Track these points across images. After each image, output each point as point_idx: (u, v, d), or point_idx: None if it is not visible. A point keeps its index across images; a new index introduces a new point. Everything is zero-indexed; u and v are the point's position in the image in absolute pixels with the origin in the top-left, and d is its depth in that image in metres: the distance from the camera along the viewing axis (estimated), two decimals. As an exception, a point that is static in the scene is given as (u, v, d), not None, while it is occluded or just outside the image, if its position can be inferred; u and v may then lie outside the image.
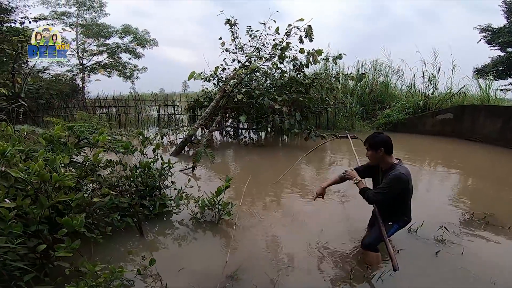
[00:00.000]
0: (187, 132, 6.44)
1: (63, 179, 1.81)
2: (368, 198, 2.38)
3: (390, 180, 2.28)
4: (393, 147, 2.41)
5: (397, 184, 2.26)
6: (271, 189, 4.31)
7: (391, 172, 2.31)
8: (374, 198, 2.35)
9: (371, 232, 2.53)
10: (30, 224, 1.86)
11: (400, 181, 2.26)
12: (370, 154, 2.44)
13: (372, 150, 2.40)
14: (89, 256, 2.31)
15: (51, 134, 2.42)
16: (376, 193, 2.35)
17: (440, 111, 8.62)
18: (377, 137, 2.41)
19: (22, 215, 1.87)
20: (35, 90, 9.95)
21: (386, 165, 2.42)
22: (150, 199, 3.19)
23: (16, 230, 1.68)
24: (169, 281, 2.12)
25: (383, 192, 2.30)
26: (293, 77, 7.82)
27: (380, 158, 2.40)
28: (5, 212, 1.64)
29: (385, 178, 2.37)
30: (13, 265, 1.69)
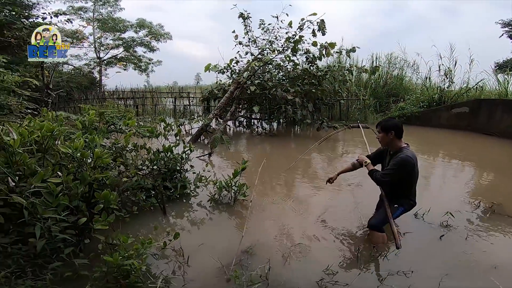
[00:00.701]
0: (202, 122, 6.69)
1: (102, 156, 2.04)
2: (376, 178, 2.56)
3: (397, 162, 2.43)
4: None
5: (404, 167, 2.41)
6: (283, 175, 4.50)
7: (399, 155, 2.47)
8: (382, 178, 2.52)
9: (377, 213, 2.67)
10: (72, 199, 2.07)
11: (406, 163, 2.41)
12: (381, 136, 2.59)
13: (384, 132, 2.55)
14: (119, 232, 2.56)
15: (86, 119, 2.67)
16: (383, 174, 2.52)
17: (455, 105, 8.50)
18: (389, 121, 2.62)
19: (65, 191, 2.10)
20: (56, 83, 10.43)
21: (394, 148, 2.59)
22: (172, 181, 3.44)
23: (64, 202, 1.89)
24: (191, 254, 2.34)
25: (390, 173, 2.47)
26: (306, 69, 7.91)
27: (390, 141, 2.56)
28: (53, 186, 1.85)
29: (392, 160, 2.52)
30: (58, 237, 1.90)
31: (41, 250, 1.87)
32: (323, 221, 3.01)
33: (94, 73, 16.59)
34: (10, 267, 1.82)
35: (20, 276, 1.82)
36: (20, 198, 1.67)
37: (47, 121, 2.15)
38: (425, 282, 2.06)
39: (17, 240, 1.93)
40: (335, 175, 3.08)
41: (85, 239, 2.21)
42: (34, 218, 1.80)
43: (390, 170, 2.49)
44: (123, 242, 2.03)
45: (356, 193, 3.80)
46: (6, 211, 1.85)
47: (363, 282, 2.07)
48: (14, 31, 6.57)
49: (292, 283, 2.05)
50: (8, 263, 1.85)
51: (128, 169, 2.95)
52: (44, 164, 2.07)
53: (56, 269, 1.93)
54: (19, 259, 1.89)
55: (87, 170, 2.18)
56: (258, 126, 8.80)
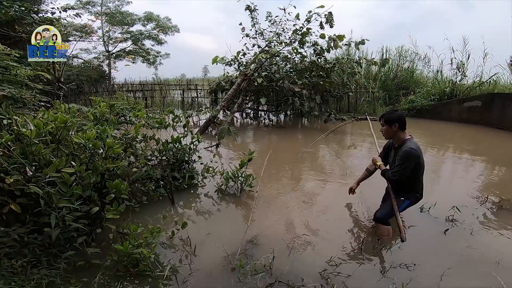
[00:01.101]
0: (210, 114, 6.77)
1: (113, 146, 2.11)
2: (388, 178, 2.60)
3: (402, 157, 2.44)
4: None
5: (409, 159, 2.41)
6: (290, 167, 4.54)
7: (402, 148, 2.47)
8: (393, 176, 2.52)
9: (383, 206, 2.69)
10: (85, 189, 2.14)
11: (411, 155, 2.41)
12: (384, 129, 2.60)
13: (387, 125, 2.56)
14: (129, 221, 2.65)
15: (98, 111, 2.75)
16: (394, 172, 2.53)
17: (467, 98, 8.35)
18: (392, 114, 2.60)
19: (78, 181, 2.18)
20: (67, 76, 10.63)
21: (399, 141, 2.59)
22: (180, 172, 3.53)
23: (77, 191, 1.96)
24: (198, 244, 2.41)
25: (399, 170, 2.47)
26: (314, 61, 7.88)
27: (393, 133, 2.57)
28: (67, 176, 1.92)
29: (397, 155, 2.53)
30: (72, 226, 1.98)
31: (55, 240, 1.96)
32: (328, 213, 3.05)
33: (104, 66, 16.77)
34: (26, 257, 1.92)
35: (36, 266, 1.91)
36: (37, 188, 1.75)
37: (60, 113, 2.23)
38: (427, 275, 2.08)
39: (32, 230, 2.01)
40: (355, 185, 3.09)
41: (97, 228, 2.29)
42: (49, 208, 1.88)
43: (398, 166, 2.49)
44: (133, 231, 2.11)
45: (361, 185, 3.79)
46: (23, 201, 1.94)
47: (365, 274, 2.10)
48: (24, 26, 6.71)
49: (295, 273, 2.09)
50: (25, 252, 1.95)
51: (138, 159, 3.03)
52: (58, 154, 2.16)
53: (69, 258, 2.02)
54: (34, 249, 1.98)
55: (99, 160, 2.26)
56: (265, 118, 8.86)
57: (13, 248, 1.94)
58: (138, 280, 1.98)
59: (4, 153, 1.79)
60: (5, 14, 6.54)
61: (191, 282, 1.98)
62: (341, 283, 1.97)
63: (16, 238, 1.92)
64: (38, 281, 1.78)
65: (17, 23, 6.81)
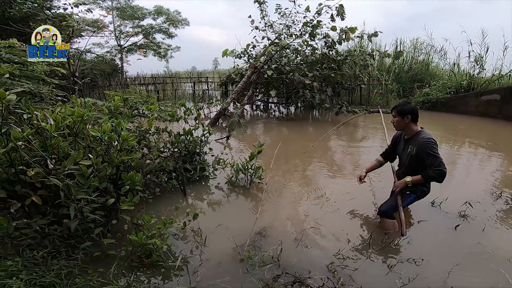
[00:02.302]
0: (220, 106, 6.82)
1: (128, 138, 2.18)
2: (435, 175, 2.30)
3: (429, 144, 2.32)
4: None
5: (435, 144, 2.33)
6: (299, 160, 4.55)
7: (420, 137, 2.41)
8: (438, 170, 2.28)
9: (388, 200, 2.66)
10: (101, 180, 2.21)
11: (434, 141, 2.34)
12: (396, 120, 2.55)
13: (400, 117, 2.52)
14: (143, 213, 2.73)
15: (112, 104, 2.84)
16: (435, 168, 2.29)
17: (485, 92, 8.07)
18: (405, 105, 2.54)
19: (95, 173, 2.26)
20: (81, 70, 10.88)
21: (410, 132, 2.54)
22: (192, 164, 3.62)
23: (94, 183, 2.04)
24: (208, 235, 2.48)
25: (436, 156, 2.29)
26: (325, 53, 7.80)
27: (405, 125, 2.52)
28: (85, 169, 2.00)
29: (410, 144, 2.49)
30: (89, 217, 2.05)
31: (74, 231, 2.05)
32: (337, 206, 3.05)
33: (116, 60, 17.06)
34: (47, 248, 2.03)
35: (55, 256, 2.02)
36: (57, 180, 1.84)
37: (77, 107, 2.31)
38: (434, 271, 2.08)
39: (52, 222, 2.12)
40: (364, 173, 2.94)
41: (112, 219, 2.38)
42: (68, 200, 1.98)
43: (433, 158, 2.30)
44: (147, 222, 2.19)
45: (372, 178, 3.78)
46: (43, 194, 2.04)
47: (372, 268, 2.13)
48: (38, 22, 6.88)
49: (302, 265, 2.14)
50: (45, 243, 2.05)
51: (151, 151, 3.13)
52: (76, 147, 2.25)
53: (87, 249, 2.11)
54: (54, 240, 2.09)
55: (114, 153, 2.35)
56: (275, 110, 8.87)
57: (34, 239, 2.04)
58: (151, 270, 2.07)
59: (25, 146, 1.89)
60: (19, 11, 6.73)
61: (201, 273, 2.05)
62: (347, 277, 2.00)
63: (37, 230, 2.02)
64: (58, 271, 1.88)
65: (31, 20, 6.99)
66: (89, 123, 2.25)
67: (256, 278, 1.99)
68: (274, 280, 1.93)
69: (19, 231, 2.00)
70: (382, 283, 1.98)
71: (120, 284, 1.87)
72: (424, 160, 2.36)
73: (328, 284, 1.90)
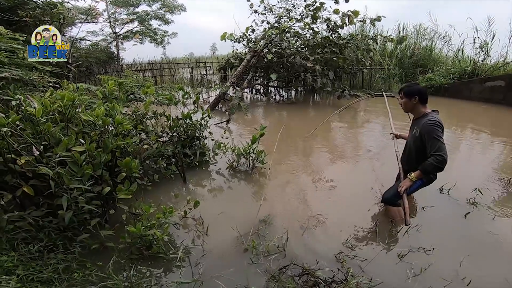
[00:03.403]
0: (220, 90, 6.68)
1: (123, 122, 2.05)
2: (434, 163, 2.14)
3: (431, 126, 2.18)
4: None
5: (439, 127, 2.19)
6: (302, 143, 4.44)
7: (427, 119, 2.25)
8: (438, 155, 2.13)
9: (391, 187, 2.55)
10: (96, 168, 2.09)
11: (440, 124, 2.20)
12: (404, 102, 2.43)
13: (407, 98, 2.39)
14: (141, 202, 2.63)
15: (106, 89, 2.69)
16: (435, 153, 2.15)
17: (490, 78, 8.00)
18: (412, 86, 2.41)
19: (89, 159, 2.14)
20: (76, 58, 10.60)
21: (418, 114, 2.41)
22: (191, 148, 3.49)
23: (88, 171, 1.91)
24: (210, 223, 2.38)
25: (438, 139, 2.15)
26: (327, 37, 7.65)
27: (413, 106, 2.39)
28: (77, 155, 1.87)
29: (415, 126, 2.36)
30: (84, 208, 1.94)
31: (69, 222, 1.94)
32: (341, 192, 2.97)
33: (112, 48, 16.67)
34: (42, 241, 1.92)
35: (52, 250, 1.92)
36: (46, 168, 1.71)
37: (67, 91, 2.16)
38: (445, 261, 2.00)
39: (47, 213, 2.00)
40: (398, 134, 3.00)
41: (110, 209, 2.27)
42: (61, 190, 1.86)
43: (435, 139, 2.14)
44: (145, 211, 2.07)
45: (375, 163, 3.68)
46: (37, 184, 1.91)
47: (382, 258, 2.05)
48: (27, 10, 6.62)
49: (309, 255, 2.06)
50: (41, 236, 1.95)
51: (149, 136, 3.01)
52: (68, 133, 2.11)
53: (84, 241, 2.01)
54: (50, 232, 1.98)
55: (109, 138, 2.21)
56: (275, 94, 8.75)
57: (29, 233, 1.94)
58: (152, 262, 1.99)
59: (12, 133, 1.75)
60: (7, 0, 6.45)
61: (203, 264, 1.97)
62: (357, 267, 1.92)
63: (31, 222, 1.92)
64: (55, 266, 1.80)
65: (19, 8, 6.72)
66: (79, 107, 2.10)
67: (261, 269, 1.91)
68: (280, 272, 1.85)
69: (13, 224, 1.89)
70: (393, 273, 1.90)
71: (120, 278, 1.78)
72: (426, 144, 2.22)
73: (338, 276, 1.82)
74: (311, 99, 8.62)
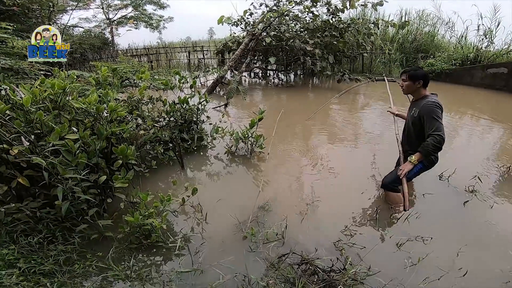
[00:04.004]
0: (217, 74, 6.57)
1: (117, 108, 1.98)
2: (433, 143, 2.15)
3: (431, 107, 2.21)
4: None
5: (439, 108, 2.23)
6: (301, 127, 4.39)
7: (426, 100, 2.29)
8: (437, 134, 2.14)
9: (391, 172, 2.53)
10: (91, 156, 2.05)
11: (439, 105, 2.24)
12: (407, 84, 2.43)
13: (411, 81, 2.39)
14: (138, 190, 2.60)
15: (99, 75, 2.60)
16: (433, 132, 2.16)
17: (493, 65, 7.93)
18: (418, 70, 2.43)
19: (84, 148, 2.08)
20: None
21: (418, 96, 2.44)
22: (189, 133, 3.44)
23: (82, 160, 1.87)
24: (209, 211, 2.37)
25: (437, 119, 2.17)
26: (327, 20, 7.48)
27: (415, 89, 2.41)
28: (71, 143, 1.82)
29: (414, 107, 2.39)
30: (81, 198, 1.90)
31: (67, 213, 1.92)
32: (341, 177, 2.94)
33: (106, 34, 16.26)
34: (41, 233, 1.90)
35: (52, 241, 1.91)
36: (39, 158, 1.67)
37: (58, 79, 2.08)
38: (443, 250, 2.00)
39: (45, 204, 1.97)
40: (396, 112, 3.01)
41: (107, 198, 2.24)
42: (57, 180, 1.82)
43: (434, 119, 2.15)
44: (143, 200, 2.04)
45: (376, 147, 3.66)
46: (32, 174, 1.87)
47: (381, 246, 2.05)
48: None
49: (308, 243, 2.06)
50: (40, 228, 1.93)
51: (145, 121, 2.96)
52: (61, 121, 2.05)
53: (83, 232, 2.00)
54: (49, 224, 1.96)
55: (104, 124, 2.16)
56: (274, 78, 8.65)
57: (28, 225, 1.92)
58: (151, 251, 1.98)
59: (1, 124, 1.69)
60: None
61: (203, 253, 1.97)
62: (355, 255, 1.93)
63: (29, 214, 1.89)
64: (56, 258, 1.79)
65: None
66: (70, 94, 2.02)
67: (260, 257, 1.91)
68: (280, 260, 1.85)
69: (11, 216, 1.87)
70: (391, 262, 1.91)
71: (120, 269, 1.78)
72: (424, 124, 2.24)
73: (337, 265, 1.81)
74: (310, 83, 8.51)
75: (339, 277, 1.67)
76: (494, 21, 8.69)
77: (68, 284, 1.65)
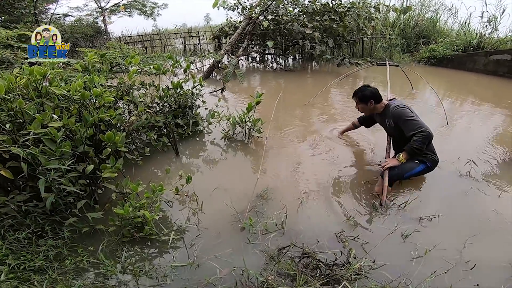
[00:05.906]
0: (213, 59, 6.39)
1: (103, 94, 1.85)
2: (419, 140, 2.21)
3: (399, 112, 2.33)
4: (437, 81, 2.34)
5: (406, 108, 2.35)
6: (300, 111, 4.26)
7: (390, 108, 2.40)
8: (420, 133, 2.21)
9: (396, 166, 2.40)
10: (77, 144, 1.93)
11: (404, 106, 2.36)
12: (361, 107, 2.57)
13: (363, 103, 2.52)
14: (131, 178, 2.44)
15: (87, 61, 2.45)
16: (415, 132, 2.23)
17: (496, 51, 7.79)
18: (364, 91, 2.50)
19: (69, 136, 1.96)
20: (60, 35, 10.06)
21: (379, 110, 2.54)
22: (183, 118, 3.31)
23: (66, 149, 1.74)
24: (205, 200, 2.26)
25: (411, 119, 2.27)
26: (326, 4, 7.26)
27: (372, 108, 2.53)
28: (54, 132, 1.70)
29: (385, 118, 2.48)
30: (67, 190, 1.79)
31: (56, 206, 1.81)
32: (342, 164, 2.84)
33: (99, 22, 15.86)
34: (30, 227, 1.80)
35: (42, 236, 1.81)
36: (17, 149, 1.54)
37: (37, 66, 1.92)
38: (450, 242, 1.90)
39: (31, 197, 1.86)
40: (340, 135, 3.21)
41: (98, 189, 2.13)
42: (41, 171, 1.70)
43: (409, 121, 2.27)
44: (133, 190, 1.91)
45: (376, 137, 3.52)
46: (17, 165, 1.73)
47: (387, 238, 1.93)
48: None
49: (309, 234, 1.97)
50: (28, 222, 1.82)
51: (137, 107, 2.83)
52: (45, 109, 1.92)
53: (73, 225, 1.89)
54: (36, 218, 1.85)
55: (92, 111, 2.01)
56: (272, 62, 8.44)
57: (15, 219, 1.82)
58: (144, 245, 1.89)
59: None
60: None
61: (199, 245, 1.87)
62: (359, 247, 1.84)
63: (14, 208, 1.78)
64: (46, 253, 1.70)
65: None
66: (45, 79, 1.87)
67: (259, 249, 1.83)
68: (279, 252, 1.76)
69: (-3, 211, 1.76)
70: (396, 254, 1.82)
71: (112, 264, 1.69)
72: (404, 129, 2.31)
73: (341, 259, 1.72)
74: (309, 67, 8.31)
75: (343, 271, 1.58)
76: (499, 8, 8.57)
77: (60, 281, 1.56)
